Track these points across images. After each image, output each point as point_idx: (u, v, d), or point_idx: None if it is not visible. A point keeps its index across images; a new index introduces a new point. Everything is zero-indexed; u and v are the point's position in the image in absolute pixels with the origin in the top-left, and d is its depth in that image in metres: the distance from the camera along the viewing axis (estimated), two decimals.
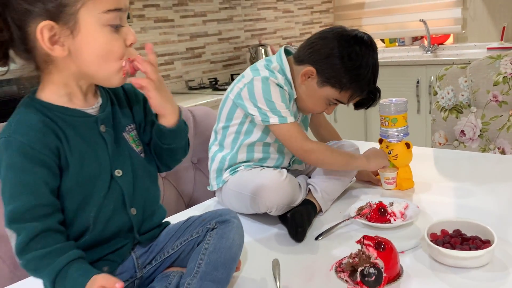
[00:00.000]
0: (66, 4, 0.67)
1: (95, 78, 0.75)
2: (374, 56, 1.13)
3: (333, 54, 1.09)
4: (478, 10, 3.54)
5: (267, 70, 1.12)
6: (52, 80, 0.73)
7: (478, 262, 0.82)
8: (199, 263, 0.76)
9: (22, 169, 0.68)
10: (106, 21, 0.69)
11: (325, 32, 1.13)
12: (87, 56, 0.70)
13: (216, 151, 1.19)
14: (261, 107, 1.08)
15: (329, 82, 1.11)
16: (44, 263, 0.67)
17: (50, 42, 0.68)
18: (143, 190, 0.82)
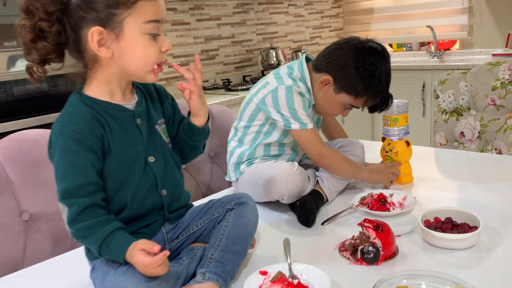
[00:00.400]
0: (114, 13, 0.79)
1: (132, 76, 0.87)
2: (387, 65, 1.23)
3: (348, 64, 1.19)
4: (484, 17, 3.62)
5: (290, 79, 1.22)
6: (97, 77, 0.85)
7: (465, 244, 0.93)
8: (220, 238, 0.88)
9: (74, 152, 0.80)
10: (146, 30, 0.82)
11: (342, 43, 1.23)
12: (127, 58, 0.83)
13: (235, 146, 1.30)
14: (284, 113, 1.19)
15: (345, 90, 1.21)
16: (91, 231, 0.79)
17: (98, 44, 0.80)
18: (171, 175, 0.95)
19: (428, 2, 3.86)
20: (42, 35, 0.79)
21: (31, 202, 1.10)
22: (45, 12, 0.78)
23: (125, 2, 0.79)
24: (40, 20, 0.78)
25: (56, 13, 0.79)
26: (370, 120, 3.74)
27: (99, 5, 0.78)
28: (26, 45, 0.80)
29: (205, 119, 0.95)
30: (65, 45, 0.83)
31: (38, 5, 0.77)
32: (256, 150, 1.26)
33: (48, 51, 0.80)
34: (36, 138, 1.13)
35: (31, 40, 0.79)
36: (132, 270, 0.76)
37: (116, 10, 0.79)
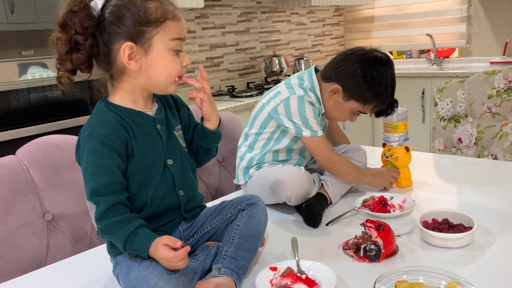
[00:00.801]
0: (145, 31, 0.87)
1: (155, 87, 0.94)
2: (392, 72, 1.30)
3: (356, 73, 1.27)
4: (482, 26, 3.71)
5: (301, 89, 1.29)
6: (122, 87, 0.93)
7: (460, 243, 1.00)
8: (233, 236, 0.95)
9: (101, 154, 0.87)
10: (171, 46, 0.90)
11: (348, 54, 1.31)
12: (153, 71, 0.90)
13: (245, 151, 1.37)
14: (296, 121, 1.27)
15: (353, 97, 1.29)
16: (117, 228, 0.85)
17: (128, 58, 0.88)
18: (188, 177, 1.02)
19: (428, 11, 3.95)
20: (76, 47, 0.87)
21: (53, 203, 1.17)
22: (82, 26, 0.85)
23: (155, 21, 0.87)
24: (76, 33, 0.85)
25: (91, 28, 0.86)
26: (370, 126, 3.82)
27: (131, 23, 0.86)
28: (61, 56, 0.87)
29: (217, 123, 1.03)
30: (96, 57, 0.90)
31: (75, 20, 0.85)
32: (265, 156, 1.34)
33: (81, 62, 0.88)
34: (58, 143, 1.21)
35: (66, 52, 0.86)
36: (155, 264, 0.83)
37: (147, 28, 0.87)
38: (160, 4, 0.88)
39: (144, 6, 0.87)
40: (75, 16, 0.85)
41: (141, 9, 0.86)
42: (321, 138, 1.28)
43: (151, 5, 0.87)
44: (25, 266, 1.10)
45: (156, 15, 0.87)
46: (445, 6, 3.84)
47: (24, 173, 1.13)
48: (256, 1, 3.55)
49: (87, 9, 0.86)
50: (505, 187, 1.35)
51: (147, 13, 0.87)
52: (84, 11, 0.85)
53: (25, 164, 1.14)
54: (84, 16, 0.85)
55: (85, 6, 0.86)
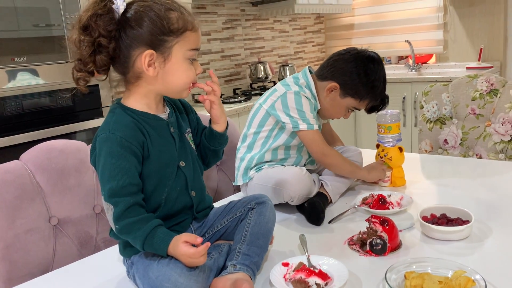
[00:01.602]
0: (166, 40, 0.90)
1: (170, 92, 0.97)
2: (383, 70, 1.38)
3: (352, 71, 1.34)
4: (458, 33, 3.85)
5: (297, 86, 1.35)
6: (137, 91, 0.95)
7: (460, 236, 1.05)
8: (245, 234, 0.98)
9: (119, 156, 0.88)
10: (188, 56, 0.93)
11: (342, 54, 1.38)
12: (170, 78, 0.93)
13: (245, 152, 1.41)
14: (293, 115, 1.31)
15: (349, 94, 1.36)
16: (136, 227, 0.87)
17: (148, 64, 0.90)
18: (198, 178, 1.05)
19: (406, 19, 4.08)
20: (99, 50, 0.88)
21: (59, 208, 1.17)
22: (106, 29, 0.87)
23: (176, 31, 0.90)
24: (100, 36, 0.87)
25: (114, 31, 0.88)
26: (353, 128, 3.90)
27: (153, 31, 0.88)
28: (84, 57, 0.88)
29: (225, 125, 1.06)
30: (115, 60, 0.92)
31: (100, 23, 0.87)
32: (265, 155, 1.37)
33: (104, 64, 0.89)
34: (62, 148, 1.21)
35: (90, 54, 0.88)
36: (175, 261, 0.85)
37: (168, 37, 0.90)
38: (181, 14, 0.91)
39: (167, 16, 0.89)
40: (100, 19, 0.87)
41: (164, 19, 0.89)
42: (316, 132, 1.33)
43: (173, 15, 0.90)
44: (32, 271, 1.09)
45: (177, 26, 0.90)
46: (422, 13, 3.97)
47: (30, 178, 1.13)
48: (240, 9, 3.60)
49: (111, 13, 0.88)
50: (491, 183, 1.42)
51: (169, 23, 0.89)
52: (109, 15, 0.87)
53: (31, 169, 1.14)
54: (108, 19, 0.87)
55: (109, 10, 0.88)
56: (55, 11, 1.91)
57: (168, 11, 0.90)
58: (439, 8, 3.86)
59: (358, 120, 3.90)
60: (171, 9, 0.91)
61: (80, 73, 0.89)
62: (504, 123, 1.78)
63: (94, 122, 2.00)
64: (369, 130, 3.83)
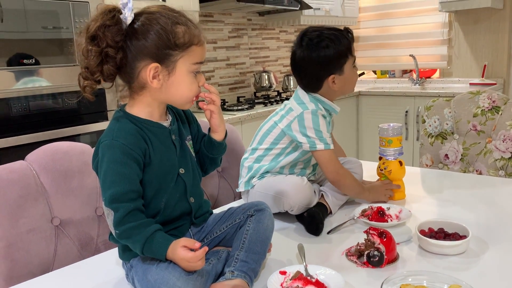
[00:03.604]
0: (171, 54, 0.92)
1: (174, 104, 0.99)
2: (314, 28, 1.39)
3: (321, 58, 1.34)
4: (462, 49, 3.88)
5: (313, 103, 1.36)
6: (141, 100, 0.97)
7: (457, 250, 1.06)
8: (243, 241, 0.99)
9: (122, 163, 0.90)
10: (192, 69, 0.95)
11: (294, 59, 1.40)
12: (174, 91, 0.95)
13: (253, 162, 1.41)
14: (310, 135, 1.32)
15: (341, 63, 1.37)
16: (136, 232, 0.88)
17: (152, 77, 0.92)
18: (197, 185, 1.06)
19: (411, 33, 4.11)
20: (106, 60, 0.90)
21: (61, 209, 1.18)
22: (113, 40, 0.89)
23: (182, 45, 0.92)
24: (107, 46, 0.89)
25: (121, 42, 0.90)
26: (355, 140, 3.91)
27: (159, 45, 0.90)
28: (92, 67, 0.90)
29: (223, 134, 1.08)
30: (121, 69, 0.94)
31: (108, 34, 0.88)
32: (273, 168, 1.38)
33: (111, 73, 0.91)
34: (67, 149, 1.23)
35: (97, 64, 0.90)
36: (173, 265, 0.86)
37: (173, 51, 0.91)
38: (187, 28, 0.92)
39: (174, 31, 0.91)
40: (108, 30, 0.88)
41: (171, 33, 0.90)
42: (333, 151, 1.35)
43: (179, 30, 0.92)
44: (33, 270, 1.11)
45: (183, 40, 0.92)
46: (427, 29, 4.00)
47: (34, 178, 1.15)
48: (247, 18, 3.64)
49: (119, 24, 0.90)
50: (490, 199, 1.43)
51: (175, 37, 0.91)
52: (117, 26, 0.89)
53: (35, 169, 1.16)
54: (116, 30, 0.89)
55: (117, 21, 0.89)
56: (65, 14, 1.94)
57: (174, 25, 0.91)
58: (444, 24, 3.89)
59: (360, 132, 3.92)
60: (178, 23, 0.92)
61: (87, 81, 0.91)
62: (505, 140, 1.80)
63: (98, 125, 2.02)
64: (371, 143, 3.85)
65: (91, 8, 2.03)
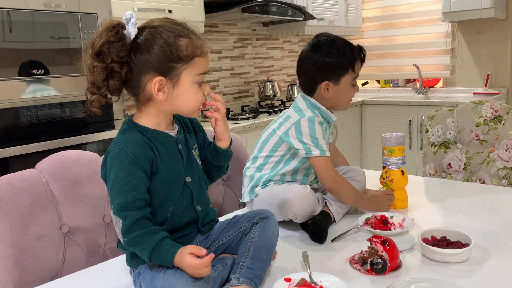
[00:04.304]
0: (175, 67, 0.94)
1: (180, 113, 1.02)
2: (333, 35, 1.43)
3: (321, 62, 1.38)
4: (466, 58, 3.90)
5: (310, 110, 1.39)
6: (148, 111, 0.99)
7: (459, 258, 1.07)
8: (249, 248, 1.01)
9: (130, 172, 0.92)
10: (196, 80, 0.97)
11: (299, 62, 1.45)
12: (179, 102, 0.98)
13: (254, 171, 1.44)
14: (306, 142, 1.35)
15: (340, 75, 1.40)
16: (143, 239, 0.90)
17: (157, 89, 0.95)
18: (204, 193, 1.08)
19: (414, 43, 4.14)
20: (111, 75, 0.93)
21: (70, 216, 1.21)
22: (118, 55, 0.91)
23: (185, 58, 0.94)
24: (112, 62, 0.91)
25: (126, 57, 0.93)
26: (359, 149, 3.92)
27: (162, 58, 0.93)
28: (98, 83, 0.92)
29: (228, 142, 1.10)
30: (127, 84, 0.96)
31: (113, 50, 0.91)
32: (274, 176, 1.40)
33: (117, 88, 0.94)
34: (76, 158, 1.25)
35: (103, 79, 0.92)
36: (180, 272, 0.88)
37: (177, 64, 0.94)
38: (190, 40, 0.95)
39: (177, 44, 0.93)
40: (112, 46, 0.91)
41: (174, 46, 0.93)
42: (328, 158, 1.36)
43: (182, 42, 0.94)
44: (42, 276, 1.13)
45: (186, 53, 0.94)
46: (430, 38, 4.03)
47: (44, 186, 1.18)
48: (252, 29, 3.68)
49: (123, 39, 0.92)
50: (492, 208, 1.44)
51: (178, 50, 0.93)
52: (121, 42, 0.92)
53: (45, 177, 1.19)
54: (120, 46, 0.91)
55: (122, 37, 0.92)
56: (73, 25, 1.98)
57: (177, 38, 0.93)
58: (447, 33, 3.92)
59: (364, 141, 3.93)
60: (181, 35, 0.94)
61: (94, 95, 0.94)
62: (508, 149, 1.81)
63: (105, 134, 2.05)
64: (375, 151, 3.86)
65: (99, 19, 2.07)
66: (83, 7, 2.01)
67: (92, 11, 2.04)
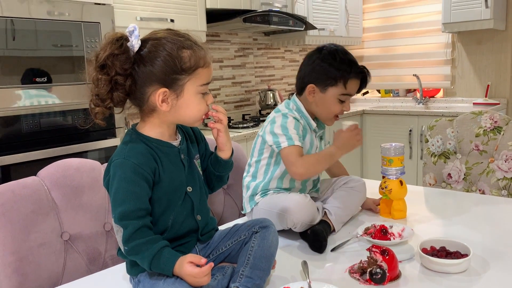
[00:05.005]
0: (179, 78, 0.96)
1: (184, 123, 1.03)
2: (339, 46, 1.44)
3: (313, 65, 1.41)
4: (466, 69, 3.92)
5: (287, 109, 1.42)
6: (152, 121, 1.01)
7: (458, 269, 1.08)
8: (248, 257, 1.01)
9: (132, 181, 0.93)
10: (200, 90, 0.99)
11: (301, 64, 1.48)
12: (183, 112, 0.99)
13: (250, 181, 1.45)
14: (277, 132, 1.35)
15: (326, 83, 1.40)
16: (144, 248, 0.91)
17: (161, 101, 0.96)
18: (204, 203, 1.09)
19: (415, 53, 4.16)
20: (116, 87, 0.94)
21: (71, 224, 1.21)
22: (122, 68, 0.93)
23: (188, 69, 0.96)
24: (117, 74, 0.92)
25: (129, 69, 0.94)
26: (359, 159, 3.93)
27: (166, 70, 0.94)
28: (102, 95, 0.94)
29: (230, 152, 1.11)
30: (131, 95, 0.98)
31: (117, 62, 0.92)
32: (270, 183, 1.41)
33: (121, 100, 0.95)
34: (78, 166, 1.26)
35: (108, 91, 0.93)
36: (180, 280, 0.89)
37: (180, 76, 0.95)
38: (193, 52, 0.96)
39: (180, 56, 0.94)
40: (116, 59, 0.92)
41: (177, 58, 0.94)
42: (296, 148, 1.32)
43: (185, 54, 0.95)
44: (42, 284, 1.13)
45: (189, 64, 0.95)
46: (431, 49, 4.05)
47: (46, 194, 1.18)
48: (253, 38, 3.71)
49: (127, 52, 0.93)
50: (492, 219, 1.45)
51: (181, 62, 0.95)
52: (125, 55, 0.93)
53: (47, 185, 1.19)
54: (124, 59, 0.93)
55: (125, 49, 0.93)
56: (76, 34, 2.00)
57: (180, 50, 0.95)
58: (447, 44, 3.94)
59: (364, 150, 3.94)
60: (184, 47, 0.95)
61: (98, 107, 0.95)
62: (507, 160, 1.82)
63: (107, 142, 2.06)
64: (375, 161, 3.87)
65: (102, 28, 2.10)
66: (86, 16, 2.04)
67: (95, 20, 2.07)
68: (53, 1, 1.93)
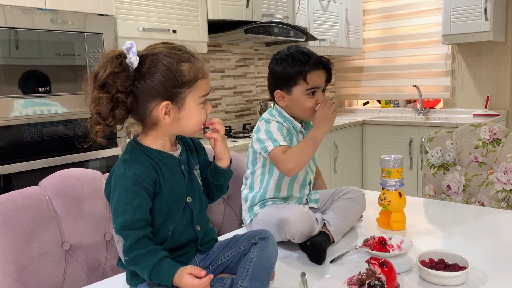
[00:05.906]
0: (180, 92, 0.97)
1: (185, 134, 1.05)
2: (292, 47, 1.44)
3: (273, 71, 1.44)
4: (466, 80, 3.94)
5: (269, 115, 1.45)
6: (153, 134, 1.02)
7: (456, 281, 1.08)
8: (247, 268, 1.02)
9: (133, 192, 0.94)
10: (200, 101, 1.01)
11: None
12: (184, 124, 1.01)
13: (247, 192, 1.46)
14: (262, 138, 1.37)
15: (289, 83, 1.41)
16: (144, 258, 0.92)
17: (164, 113, 0.97)
18: (204, 213, 1.10)
19: (415, 64, 4.18)
20: (117, 105, 0.95)
21: (72, 233, 1.22)
22: (123, 86, 0.94)
23: (188, 82, 0.97)
24: (118, 92, 0.94)
25: (130, 86, 0.95)
26: (360, 171, 3.93)
27: (167, 85, 0.96)
28: (104, 113, 0.94)
29: (228, 161, 1.12)
30: (133, 112, 0.99)
31: (117, 80, 0.93)
32: (267, 193, 1.42)
33: (123, 117, 0.97)
34: (79, 176, 1.27)
35: (109, 109, 0.94)
36: None
37: (181, 89, 0.97)
38: (191, 64, 0.98)
39: (179, 70, 0.96)
40: (117, 77, 0.93)
41: (177, 72, 0.96)
42: (282, 147, 1.33)
43: (184, 68, 0.97)
44: None
45: (189, 77, 0.97)
46: (431, 60, 4.08)
47: (47, 203, 1.19)
48: (254, 48, 3.73)
49: (127, 70, 0.95)
50: (491, 231, 1.45)
51: (181, 76, 0.96)
52: (125, 73, 0.94)
53: (48, 194, 1.20)
54: (125, 77, 0.94)
55: (125, 67, 0.94)
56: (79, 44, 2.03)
57: (179, 64, 0.96)
58: (447, 55, 3.97)
59: (364, 161, 3.95)
60: (182, 60, 0.97)
61: (98, 126, 0.96)
62: (506, 172, 1.83)
63: (108, 152, 2.07)
64: (375, 171, 3.87)
65: (105, 39, 2.12)
66: (89, 27, 2.06)
67: (98, 31, 2.09)
68: (56, 12, 1.95)
